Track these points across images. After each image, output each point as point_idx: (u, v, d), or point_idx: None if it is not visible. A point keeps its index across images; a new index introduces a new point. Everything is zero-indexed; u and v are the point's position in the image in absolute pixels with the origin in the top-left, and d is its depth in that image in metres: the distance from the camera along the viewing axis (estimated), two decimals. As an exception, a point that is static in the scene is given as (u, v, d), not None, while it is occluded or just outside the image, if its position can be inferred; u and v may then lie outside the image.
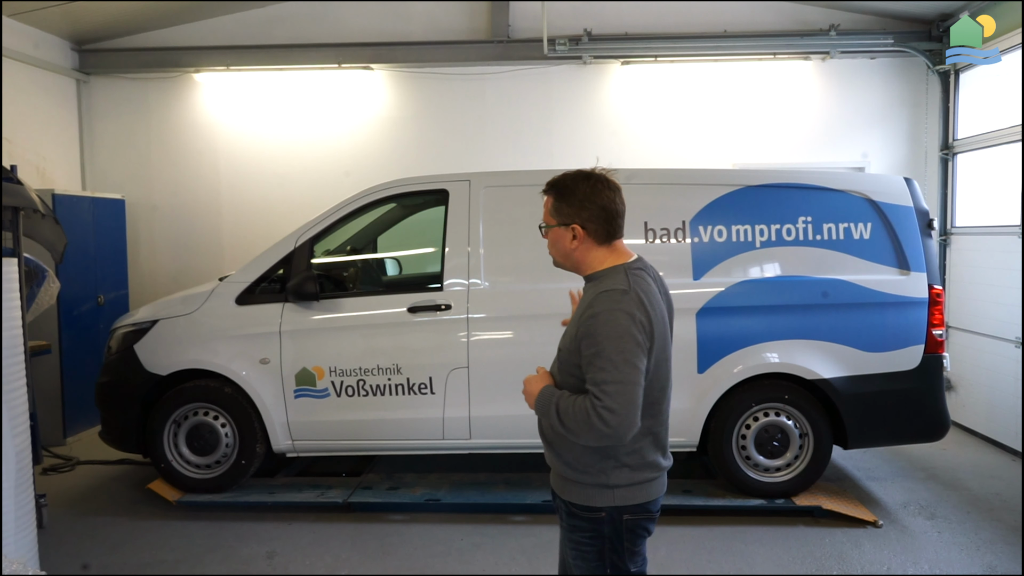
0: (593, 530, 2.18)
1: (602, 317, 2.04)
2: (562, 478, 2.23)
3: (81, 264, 6.47)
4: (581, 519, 2.19)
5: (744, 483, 4.65)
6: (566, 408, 2.05)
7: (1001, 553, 4.10)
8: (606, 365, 2.00)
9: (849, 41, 6.98)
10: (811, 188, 4.73)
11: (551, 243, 2.27)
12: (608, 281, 2.14)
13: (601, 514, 2.16)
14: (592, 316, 2.06)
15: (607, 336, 2.02)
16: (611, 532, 2.16)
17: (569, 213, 2.20)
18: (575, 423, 2.02)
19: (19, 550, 3.37)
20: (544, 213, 2.28)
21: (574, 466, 2.18)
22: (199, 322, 4.83)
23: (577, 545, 2.21)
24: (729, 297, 4.60)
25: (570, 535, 2.23)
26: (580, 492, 2.18)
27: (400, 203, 5.25)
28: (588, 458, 2.15)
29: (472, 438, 4.72)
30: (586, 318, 2.08)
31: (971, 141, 6.66)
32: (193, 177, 7.64)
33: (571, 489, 2.20)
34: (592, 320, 2.06)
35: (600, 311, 2.05)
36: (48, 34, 7.10)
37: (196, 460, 4.86)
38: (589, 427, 1.98)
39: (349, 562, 4.06)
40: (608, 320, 2.03)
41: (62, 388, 6.23)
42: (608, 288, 2.10)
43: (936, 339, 4.60)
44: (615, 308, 2.05)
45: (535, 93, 7.37)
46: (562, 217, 2.22)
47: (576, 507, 2.19)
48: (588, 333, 2.05)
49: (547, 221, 2.27)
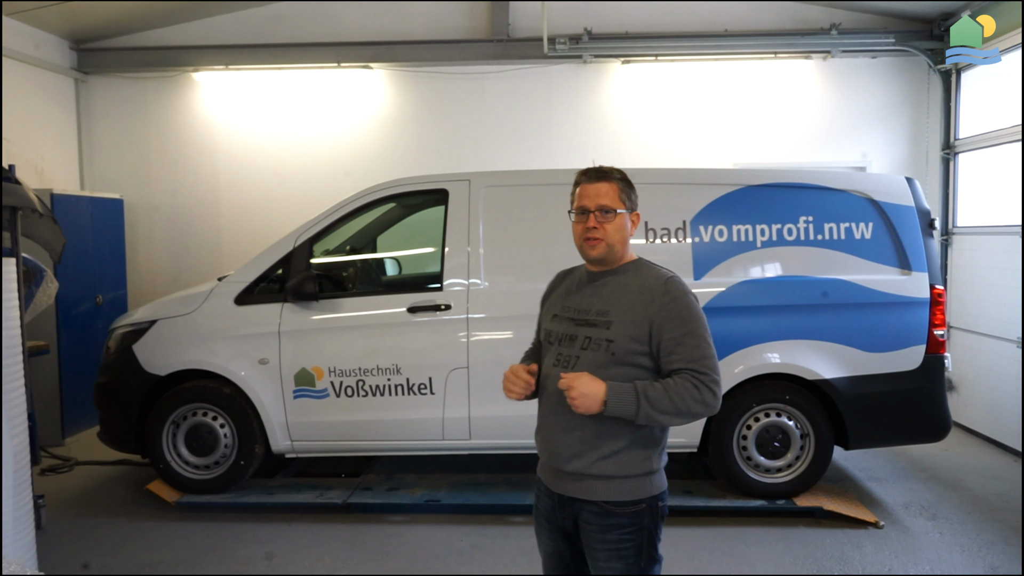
0: (633, 524, 2.18)
1: (683, 300, 2.17)
2: (592, 478, 2.18)
3: (79, 264, 6.45)
4: (620, 516, 2.18)
5: (745, 484, 4.64)
6: (660, 395, 2.08)
7: (1003, 554, 4.09)
8: (700, 343, 2.14)
9: (850, 40, 6.96)
10: (812, 188, 4.72)
11: (616, 228, 2.24)
12: (656, 270, 2.27)
13: (642, 506, 2.19)
14: (673, 300, 2.17)
15: (693, 316, 2.16)
16: (650, 523, 2.21)
17: (635, 201, 2.32)
18: (682, 403, 2.08)
19: (17, 551, 3.36)
20: (607, 198, 2.24)
21: (621, 461, 2.17)
22: (198, 322, 4.82)
23: (615, 545, 2.19)
24: (730, 297, 4.58)
25: (604, 537, 2.19)
26: (622, 487, 2.18)
27: (400, 203, 5.23)
28: (637, 449, 2.18)
29: (472, 439, 4.70)
30: (665, 303, 2.16)
31: (972, 140, 6.65)
32: (192, 176, 7.63)
33: (608, 487, 2.18)
34: (674, 304, 2.16)
35: (678, 295, 2.18)
36: (46, 33, 7.09)
37: (195, 461, 4.84)
38: (701, 403, 2.09)
39: (348, 563, 4.04)
40: (690, 303, 2.18)
41: (60, 388, 6.21)
42: (669, 275, 2.24)
43: (938, 339, 4.58)
44: (688, 292, 2.20)
45: (535, 92, 7.36)
46: (631, 204, 2.30)
47: (615, 504, 2.18)
48: (672, 316, 2.15)
49: (614, 206, 2.24)
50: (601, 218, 2.23)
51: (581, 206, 2.27)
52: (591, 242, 2.25)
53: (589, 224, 2.24)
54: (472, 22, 7.38)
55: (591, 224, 2.24)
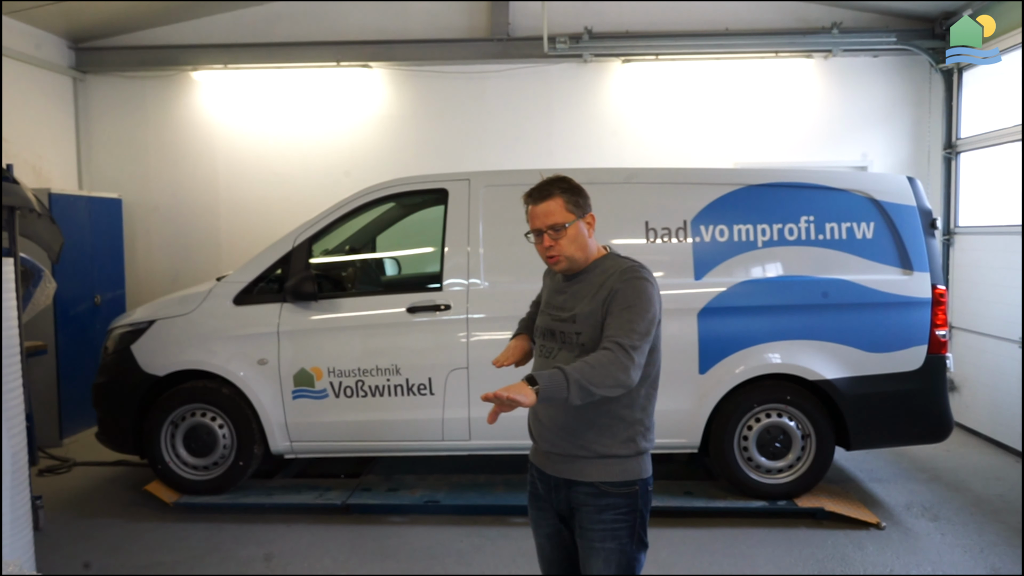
0: (628, 506, 2.25)
1: (636, 284, 2.21)
2: (586, 460, 2.25)
3: (78, 264, 6.43)
4: (614, 496, 2.24)
5: (746, 485, 4.62)
6: (579, 366, 2.07)
7: (1004, 555, 4.08)
8: (635, 318, 2.16)
9: (852, 39, 6.94)
10: (813, 187, 4.70)
11: (570, 240, 2.28)
12: (619, 261, 2.31)
13: (635, 487, 2.25)
14: (624, 282, 2.21)
15: (640, 297, 2.19)
16: (642, 504, 2.27)
17: (583, 205, 2.33)
18: (601, 368, 2.07)
19: (15, 552, 3.35)
20: (553, 215, 2.28)
21: (608, 442, 2.23)
22: (196, 322, 4.80)
23: (609, 525, 2.24)
24: (731, 297, 4.56)
25: (599, 517, 2.24)
26: (615, 468, 2.24)
27: (399, 202, 5.22)
28: (624, 429, 2.23)
29: (472, 439, 4.69)
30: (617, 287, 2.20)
31: (974, 140, 6.63)
32: (191, 176, 7.61)
33: (603, 468, 2.24)
34: (624, 285, 2.20)
35: (631, 278, 2.22)
36: (45, 32, 7.06)
37: (193, 461, 4.82)
38: (618, 366, 2.08)
39: (348, 564, 4.03)
40: (642, 287, 2.21)
41: (58, 389, 6.20)
42: (630, 264, 2.28)
43: (939, 339, 4.57)
44: (644, 278, 2.24)
45: (535, 92, 7.34)
46: (580, 210, 2.31)
47: (610, 485, 2.24)
48: (619, 297, 2.18)
49: (563, 221, 2.28)
50: (554, 236, 2.29)
51: (534, 227, 2.33)
52: (552, 260, 2.33)
53: (545, 244, 2.30)
54: (472, 21, 7.37)
55: (546, 244, 2.30)
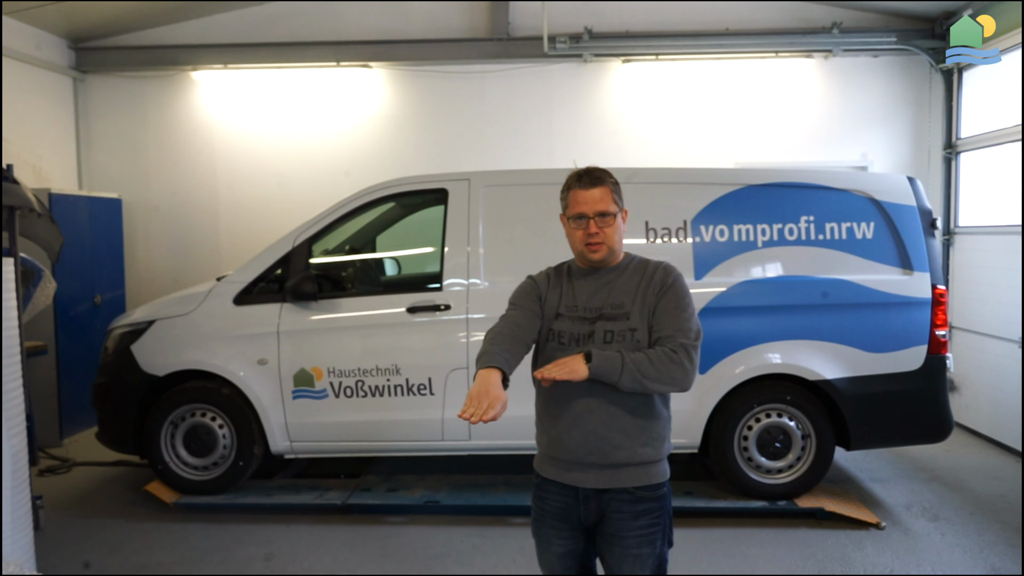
0: (660, 508, 2.27)
1: (679, 281, 2.29)
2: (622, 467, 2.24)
3: (78, 264, 6.43)
4: (650, 501, 2.26)
5: (746, 485, 4.62)
6: (641, 357, 2.13)
7: (1004, 555, 4.08)
8: (683, 314, 2.22)
9: (852, 39, 6.94)
10: (813, 187, 4.70)
11: (614, 230, 2.31)
12: (651, 260, 2.36)
13: (664, 489, 2.28)
14: (674, 280, 2.28)
15: (685, 293, 2.27)
16: (669, 505, 2.31)
17: (622, 199, 2.36)
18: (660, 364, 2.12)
19: (16, 552, 3.35)
20: (604, 202, 2.29)
21: (647, 444, 2.25)
22: (196, 322, 4.80)
23: (645, 530, 2.25)
24: (731, 297, 4.56)
25: (635, 523, 2.24)
26: (649, 471, 2.26)
27: (399, 202, 5.21)
28: (661, 429, 2.27)
29: (472, 439, 4.69)
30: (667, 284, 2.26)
31: (974, 140, 6.63)
32: (190, 176, 7.60)
33: (638, 473, 2.25)
34: (674, 284, 2.27)
35: (676, 276, 2.30)
36: (45, 32, 7.06)
37: (193, 461, 4.82)
38: (680, 366, 2.14)
39: (348, 564, 4.03)
40: (684, 285, 2.29)
41: (58, 389, 6.19)
42: (663, 263, 2.34)
43: (939, 339, 4.57)
44: (682, 276, 2.32)
45: (535, 92, 7.34)
46: (621, 203, 2.36)
47: (646, 489, 2.25)
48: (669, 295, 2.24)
49: (613, 209, 2.30)
50: (601, 223, 2.28)
51: (579, 212, 2.30)
52: (593, 247, 2.30)
53: (591, 230, 2.29)
54: (472, 21, 7.36)
55: (592, 230, 2.28)
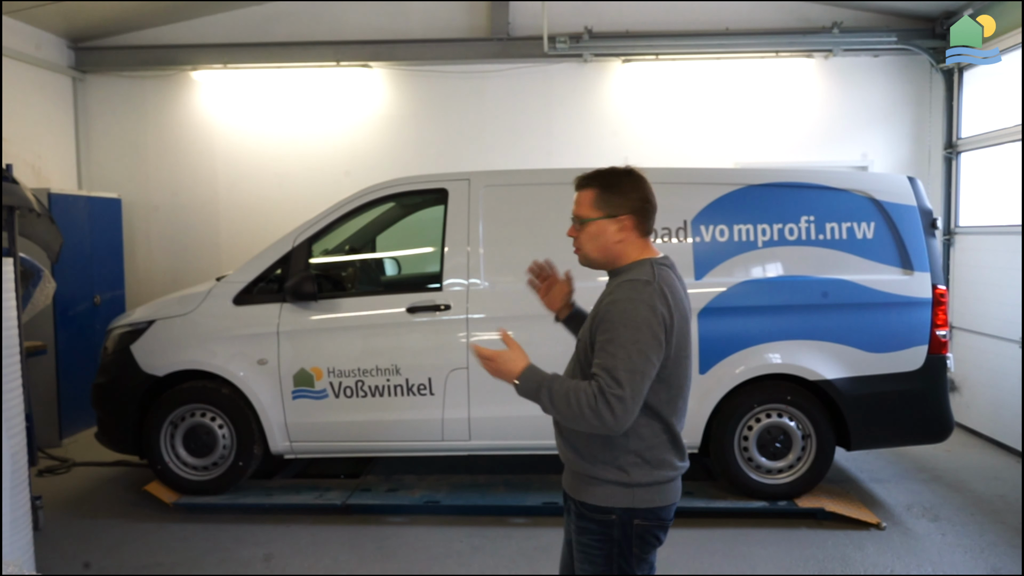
0: (602, 533, 2.11)
1: (621, 304, 2.02)
2: (575, 475, 2.18)
3: (77, 264, 6.42)
4: (590, 520, 2.13)
5: (746, 485, 4.62)
6: (562, 390, 1.99)
7: (1004, 555, 4.07)
8: (618, 351, 1.97)
9: (852, 39, 6.94)
10: (814, 187, 4.69)
11: (590, 237, 2.18)
12: (633, 272, 2.13)
13: (612, 516, 2.10)
14: (612, 303, 2.04)
15: (624, 324, 1.99)
16: (620, 536, 2.10)
17: (618, 204, 2.17)
18: (573, 406, 1.96)
19: (15, 552, 3.34)
20: (581, 207, 2.19)
21: (590, 459, 2.11)
22: (196, 322, 4.79)
23: (585, 548, 2.15)
24: (731, 297, 4.56)
25: (578, 537, 2.17)
26: (594, 491, 2.11)
27: (399, 202, 5.21)
28: (607, 452, 2.09)
29: (472, 439, 4.68)
30: (605, 305, 2.06)
31: (975, 140, 6.63)
32: (190, 176, 7.60)
33: (585, 488, 2.14)
34: (611, 307, 2.04)
35: (620, 298, 2.04)
36: (44, 32, 7.06)
37: (193, 462, 4.82)
38: (594, 413, 1.93)
39: (347, 564, 4.02)
40: (627, 309, 2.01)
41: (58, 389, 6.19)
42: (632, 278, 2.09)
43: (940, 340, 4.56)
44: (636, 297, 2.03)
45: (535, 91, 7.33)
46: (610, 209, 2.17)
47: (587, 507, 2.13)
48: (605, 319, 2.03)
49: (586, 215, 2.18)
50: (578, 227, 2.21)
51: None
52: (575, 250, 2.25)
53: (569, 233, 2.24)
54: (472, 21, 7.36)
55: (570, 234, 2.23)
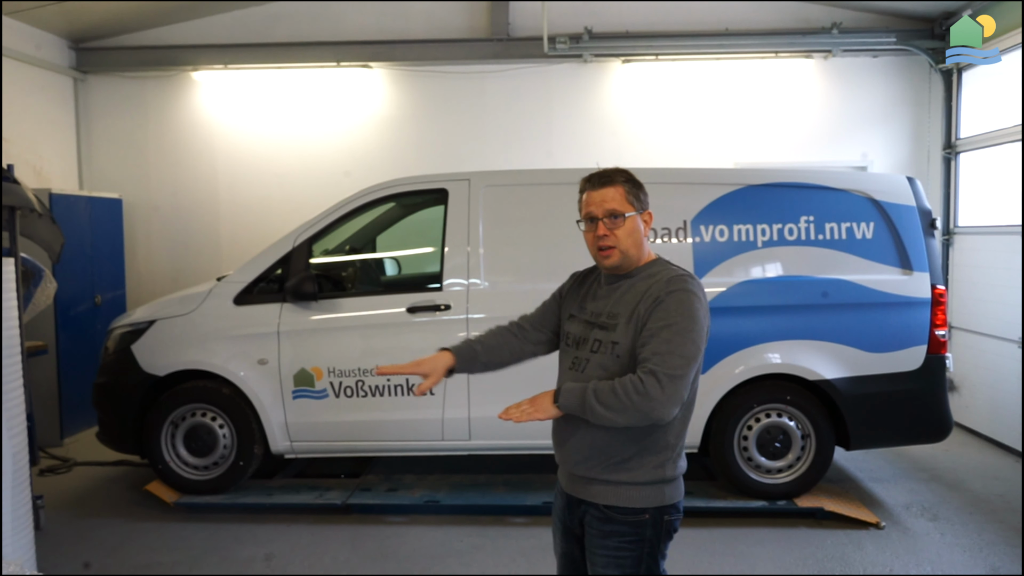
0: (634, 534, 2.11)
1: (677, 295, 2.04)
2: (602, 482, 2.13)
3: (78, 264, 6.44)
4: (621, 523, 2.12)
5: (746, 484, 4.63)
6: (606, 386, 1.99)
7: (1004, 554, 4.08)
8: (674, 338, 1.98)
9: (851, 39, 6.95)
10: (813, 187, 4.70)
11: (627, 232, 2.15)
12: (668, 269, 2.16)
13: (645, 516, 2.11)
14: (668, 294, 2.05)
15: (683, 313, 2.01)
16: (652, 535, 2.12)
17: (644, 201, 2.21)
18: (621, 395, 1.95)
19: (16, 551, 3.35)
20: (615, 202, 2.15)
21: (629, 465, 2.10)
22: (197, 322, 4.80)
23: (613, 551, 2.13)
24: (731, 297, 4.57)
25: (603, 541, 2.14)
26: (626, 493, 2.10)
27: (399, 202, 5.22)
28: (649, 456, 2.09)
29: (472, 439, 4.69)
30: (661, 297, 2.05)
31: (974, 140, 6.64)
32: (191, 176, 7.61)
33: (613, 491, 2.12)
34: (668, 297, 2.04)
35: (675, 290, 2.05)
36: (45, 32, 7.07)
37: (194, 461, 4.83)
38: (644, 396, 1.93)
39: (348, 564, 4.03)
40: (684, 299, 2.04)
41: (59, 389, 6.20)
42: (679, 273, 2.12)
43: (939, 339, 4.57)
44: (692, 290, 2.06)
45: (535, 92, 7.34)
46: (640, 204, 2.19)
47: (617, 511, 2.12)
48: (660, 309, 2.03)
49: (622, 209, 2.15)
50: (611, 224, 2.15)
51: (589, 214, 2.18)
52: (604, 252, 2.17)
53: (599, 232, 2.15)
54: (472, 21, 7.37)
55: (601, 232, 2.15)
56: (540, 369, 2.73)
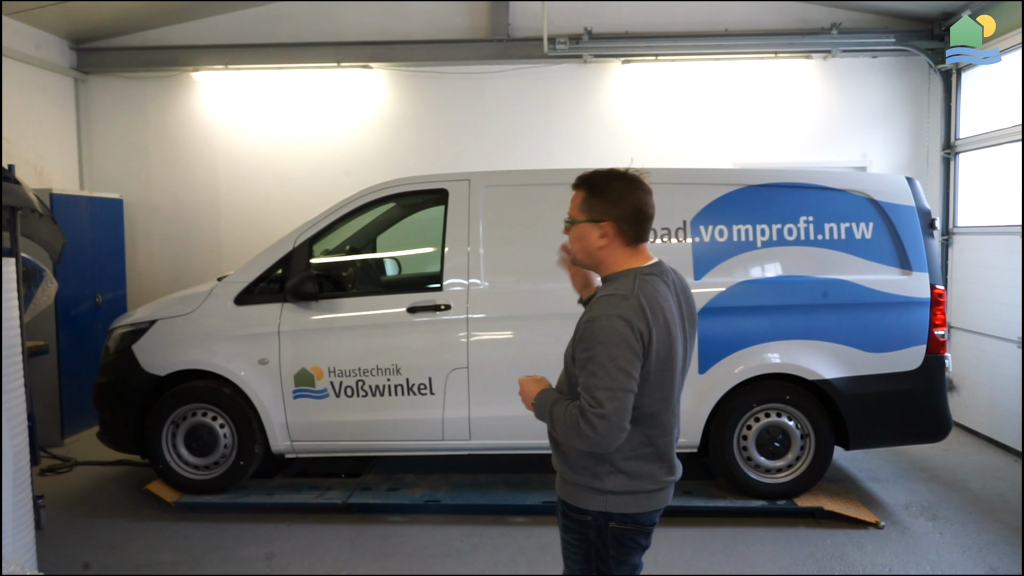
0: (579, 531, 2.21)
1: (598, 322, 2.03)
2: (559, 477, 2.27)
3: (79, 264, 6.44)
4: (570, 519, 2.23)
5: (745, 484, 4.63)
6: (559, 414, 2.07)
7: (1003, 554, 4.09)
8: (597, 370, 1.99)
9: (851, 40, 6.96)
10: (812, 188, 4.71)
11: (576, 238, 2.23)
12: (613, 285, 2.13)
13: (587, 517, 2.18)
14: (589, 320, 2.06)
15: (601, 341, 2.00)
16: (596, 536, 2.18)
17: (601, 210, 2.16)
18: (565, 428, 2.04)
19: (17, 551, 3.35)
20: (572, 207, 2.22)
21: (571, 465, 2.19)
22: (197, 322, 4.81)
23: (566, 544, 2.28)
24: (730, 297, 4.57)
25: (562, 534, 2.29)
26: (573, 492, 2.20)
27: (399, 202, 5.23)
28: (584, 459, 2.15)
29: (472, 439, 4.70)
30: (584, 322, 2.09)
31: (973, 140, 6.64)
32: (191, 176, 7.62)
33: (565, 488, 2.24)
34: (589, 324, 2.05)
35: (597, 315, 2.04)
36: (46, 33, 7.08)
37: (194, 461, 4.83)
38: (578, 432, 1.99)
39: (348, 563, 4.04)
40: (603, 325, 2.01)
41: (60, 389, 6.21)
42: (610, 292, 2.09)
43: (938, 339, 4.58)
44: (611, 313, 2.02)
45: (535, 92, 7.35)
46: (593, 214, 2.17)
47: (567, 506, 2.23)
48: (584, 336, 2.06)
49: (574, 216, 2.21)
50: (567, 226, 2.26)
51: None
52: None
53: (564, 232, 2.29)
54: (472, 22, 7.38)
55: (564, 232, 2.29)
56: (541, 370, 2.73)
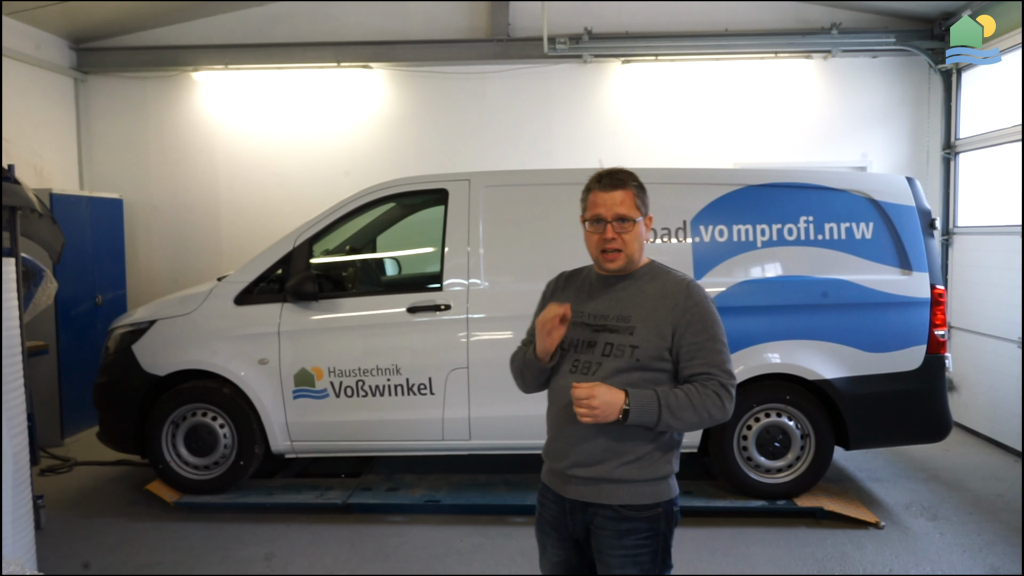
0: (651, 529, 2.16)
1: (704, 305, 2.17)
2: (613, 482, 2.14)
3: (79, 264, 6.44)
4: (637, 520, 2.14)
5: (745, 484, 4.63)
6: (682, 402, 2.07)
7: (1003, 554, 4.09)
8: (721, 348, 2.15)
9: (851, 40, 6.96)
10: (813, 188, 4.71)
11: (635, 237, 2.18)
12: (673, 274, 2.24)
13: (659, 510, 2.17)
14: (696, 304, 2.15)
15: (715, 322, 2.16)
16: (665, 527, 2.19)
17: (648, 206, 2.25)
18: (704, 410, 2.08)
19: (17, 551, 3.36)
20: (624, 206, 2.16)
21: (640, 463, 2.14)
22: (197, 322, 4.81)
23: (631, 550, 2.14)
24: (730, 297, 4.57)
25: (619, 543, 2.14)
26: (639, 490, 2.14)
27: (399, 203, 5.23)
28: (660, 452, 2.17)
29: (472, 439, 4.70)
30: (689, 307, 2.14)
31: (973, 140, 6.64)
32: (191, 176, 7.62)
33: (628, 490, 2.14)
34: (697, 308, 2.15)
35: (700, 299, 2.17)
36: (46, 33, 7.07)
37: (194, 461, 4.83)
38: (722, 409, 2.10)
39: (348, 563, 4.04)
40: (710, 308, 2.18)
41: (60, 389, 6.21)
42: (689, 279, 2.22)
43: (938, 339, 4.58)
44: (708, 297, 2.20)
45: (535, 92, 7.35)
46: (645, 209, 2.24)
47: (631, 509, 2.14)
48: (695, 321, 2.14)
49: (630, 214, 2.16)
50: (619, 228, 2.16)
51: (596, 215, 2.18)
52: (610, 255, 2.18)
53: (607, 235, 2.16)
54: (472, 22, 7.38)
55: (609, 235, 2.15)
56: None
